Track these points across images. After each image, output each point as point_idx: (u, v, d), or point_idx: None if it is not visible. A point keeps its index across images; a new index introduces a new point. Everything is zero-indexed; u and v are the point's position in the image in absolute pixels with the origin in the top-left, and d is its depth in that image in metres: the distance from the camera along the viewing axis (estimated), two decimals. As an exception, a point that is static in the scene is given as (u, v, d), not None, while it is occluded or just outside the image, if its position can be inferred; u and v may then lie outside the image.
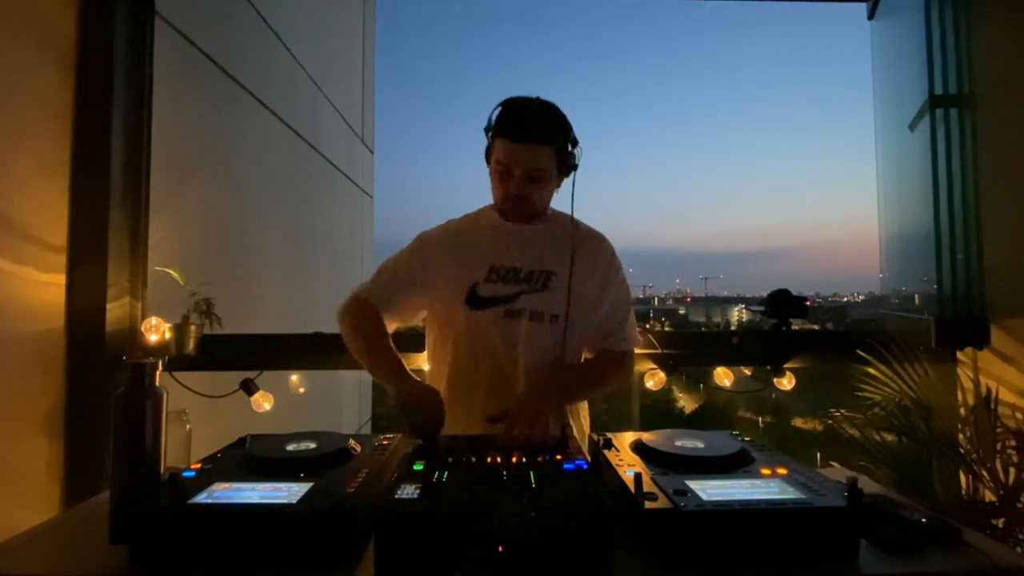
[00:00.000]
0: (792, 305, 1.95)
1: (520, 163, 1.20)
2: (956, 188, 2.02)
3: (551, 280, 1.28)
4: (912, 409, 1.76)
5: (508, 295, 1.26)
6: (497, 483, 0.81)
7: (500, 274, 1.28)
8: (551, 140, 1.21)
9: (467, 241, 1.32)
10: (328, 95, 4.66)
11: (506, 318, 1.26)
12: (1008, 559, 0.77)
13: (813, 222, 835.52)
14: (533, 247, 1.30)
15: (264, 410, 1.96)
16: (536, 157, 1.20)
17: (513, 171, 1.21)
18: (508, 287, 1.27)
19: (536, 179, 1.23)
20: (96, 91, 1.79)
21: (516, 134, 1.20)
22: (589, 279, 1.30)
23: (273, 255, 3.44)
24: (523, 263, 1.29)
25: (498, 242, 1.31)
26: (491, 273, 1.28)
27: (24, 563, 0.78)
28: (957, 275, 2.00)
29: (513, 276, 1.28)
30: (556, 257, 1.29)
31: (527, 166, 1.21)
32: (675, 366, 1.96)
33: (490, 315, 1.26)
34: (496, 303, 1.26)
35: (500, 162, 1.22)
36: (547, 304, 1.27)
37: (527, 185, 1.23)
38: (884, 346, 1.86)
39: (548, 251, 1.30)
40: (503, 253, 1.29)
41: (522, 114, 1.22)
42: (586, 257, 1.30)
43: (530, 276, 1.28)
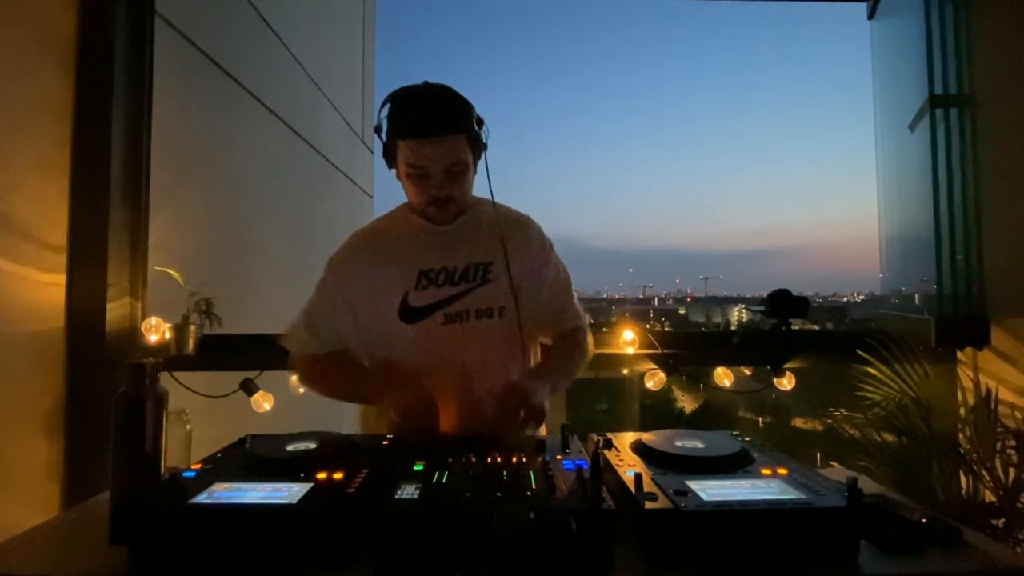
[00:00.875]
0: (792, 305, 1.95)
1: (437, 160, 1.09)
2: (956, 188, 2.02)
3: (489, 271, 1.20)
4: (912, 409, 1.76)
5: (446, 298, 1.18)
6: (497, 483, 0.81)
7: (432, 278, 1.18)
8: (461, 128, 1.10)
9: (386, 251, 1.21)
10: (328, 95, 4.66)
11: (446, 324, 1.17)
12: (1008, 559, 0.77)
13: (813, 222, 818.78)
14: (462, 242, 1.21)
15: (264, 410, 1.96)
16: (452, 150, 1.10)
17: (431, 171, 1.10)
18: (443, 290, 1.18)
19: (456, 173, 1.12)
20: (96, 91, 1.79)
21: (423, 131, 1.08)
22: (526, 262, 1.23)
23: (273, 255, 3.44)
24: (455, 260, 1.20)
25: (423, 245, 1.20)
26: (421, 279, 1.18)
27: (24, 563, 0.78)
28: (957, 275, 2.00)
29: (447, 277, 1.19)
30: (487, 247, 1.21)
31: (445, 162, 1.10)
32: (675, 366, 1.96)
33: (428, 325, 1.17)
34: (433, 310, 1.17)
35: (413, 165, 1.11)
36: (492, 298, 1.19)
37: (449, 182, 1.12)
38: (884, 346, 1.86)
39: (478, 242, 1.21)
40: (431, 255, 1.19)
41: (423, 107, 1.09)
42: (517, 240, 1.23)
43: (467, 272, 1.19)
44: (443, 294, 1.18)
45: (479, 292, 1.19)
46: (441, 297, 1.18)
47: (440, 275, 1.19)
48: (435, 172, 1.11)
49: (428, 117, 1.08)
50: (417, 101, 1.10)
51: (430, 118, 1.08)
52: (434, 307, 1.17)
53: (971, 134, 2.01)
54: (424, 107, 1.10)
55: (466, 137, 1.11)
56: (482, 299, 1.19)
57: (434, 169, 1.10)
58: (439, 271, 1.19)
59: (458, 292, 1.18)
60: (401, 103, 1.10)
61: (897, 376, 1.84)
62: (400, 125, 1.10)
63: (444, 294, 1.18)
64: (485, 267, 1.20)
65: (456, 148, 1.10)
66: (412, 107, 1.10)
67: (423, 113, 1.09)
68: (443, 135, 1.08)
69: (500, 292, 1.19)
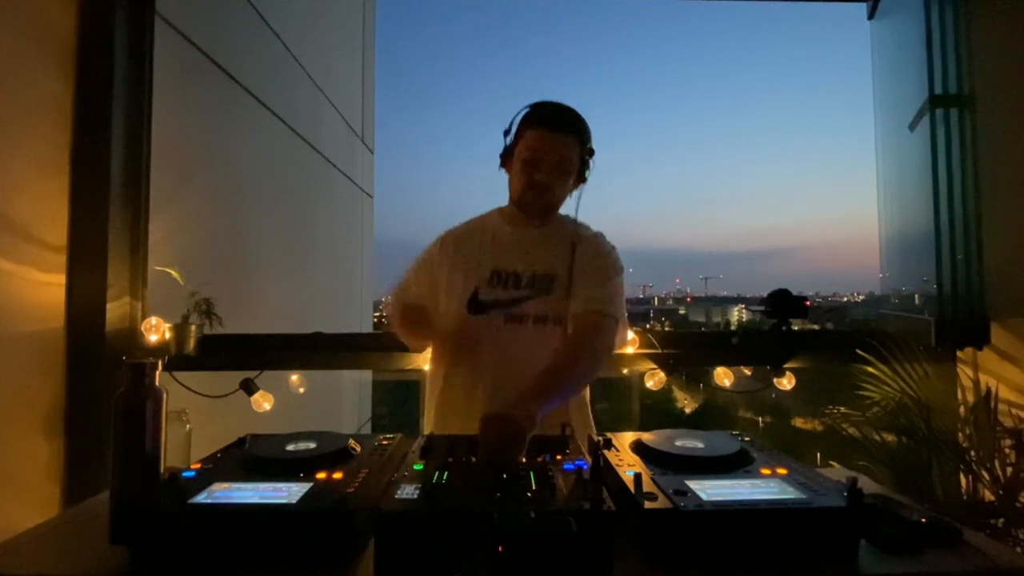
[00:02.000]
0: (792, 305, 1.95)
1: (552, 151, 1.24)
2: (956, 188, 2.02)
3: (554, 283, 1.29)
4: (912, 409, 1.76)
5: (509, 300, 1.27)
6: (497, 483, 0.81)
7: (501, 278, 1.29)
8: (579, 135, 1.26)
9: (470, 245, 1.35)
10: (328, 95, 4.66)
11: (507, 323, 1.26)
12: (1008, 559, 0.77)
13: (813, 222, 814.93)
14: (536, 250, 1.31)
15: (264, 410, 1.96)
16: (567, 147, 1.24)
17: (544, 158, 1.24)
18: (509, 292, 1.28)
19: (562, 170, 1.26)
20: (96, 91, 1.79)
21: (552, 123, 1.24)
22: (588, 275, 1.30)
23: (273, 255, 3.44)
24: (525, 267, 1.30)
25: (500, 246, 1.33)
26: (492, 277, 1.29)
27: (24, 563, 0.78)
28: (957, 275, 2.00)
29: (515, 281, 1.29)
30: (557, 259, 1.30)
31: (558, 155, 1.24)
32: (675, 366, 1.95)
33: (490, 320, 1.25)
34: (497, 307, 1.26)
35: (531, 149, 1.25)
36: (550, 307, 1.27)
37: (553, 175, 1.25)
38: (884, 346, 1.86)
39: (549, 254, 1.31)
40: (505, 257, 1.31)
41: (556, 108, 1.27)
42: (589, 259, 1.31)
43: (533, 280, 1.29)
44: (508, 295, 1.28)
45: (540, 301, 1.28)
46: (507, 297, 1.27)
47: (510, 278, 1.30)
48: (547, 160, 1.24)
49: (557, 115, 1.26)
50: (551, 105, 1.28)
51: (559, 116, 1.26)
52: (500, 304, 1.26)
53: (971, 134, 2.01)
54: (557, 109, 1.28)
55: (579, 148, 1.27)
56: (541, 307, 1.27)
57: (548, 157, 1.24)
58: (510, 274, 1.30)
59: (522, 296, 1.28)
60: (540, 104, 1.29)
61: (897, 376, 1.84)
62: (533, 118, 1.26)
63: (509, 296, 1.28)
64: (550, 278, 1.29)
65: (570, 147, 1.25)
66: (547, 107, 1.28)
67: (555, 112, 1.27)
68: (566, 132, 1.24)
69: (559, 304, 1.28)
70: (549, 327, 1.28)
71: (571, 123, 1.26)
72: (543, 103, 1.29)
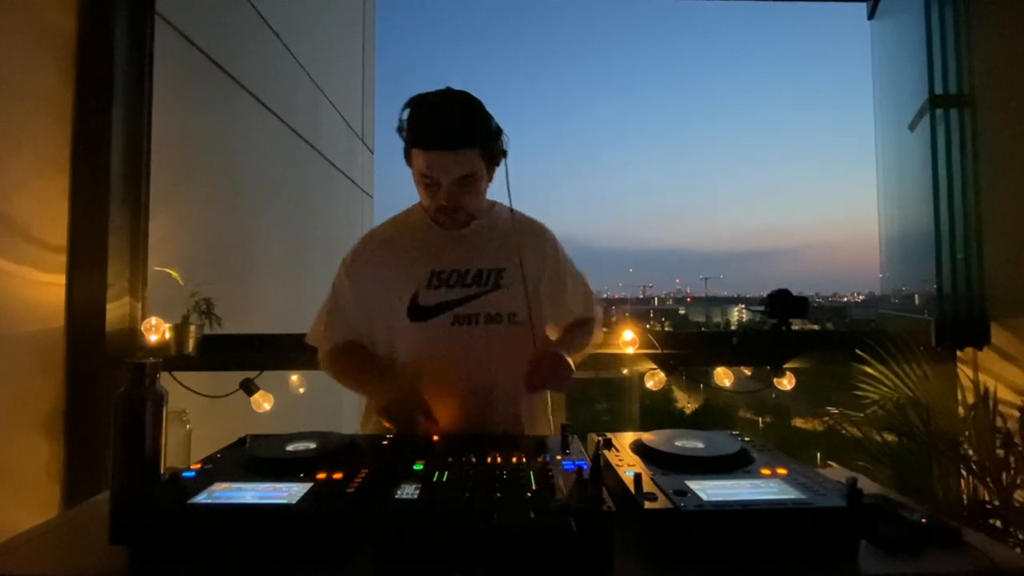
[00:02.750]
0: (792, 305, 1.95)
1: (446, 172, 1.10)
2: (956, 188, 2.02)
3: (502, 277, 1.20)
4: (911, 409, 1.76)
5: (456, 299, 1.18)
6: (497, 483, 0.81)
7: (443, 279, 1.19)
8: (474, 142, 1.10)
9: (399, 248, 1.23)
10: (328, 95, 4.66)
11: (455, 325, 1.17)
12: (1008, 559, 0.77)
13: (813, 222, 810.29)
14: (475, 246, 1.22)
15: (264, 410, 1.96)
16: (461, 163, 1.10)
17: (440, 181, 1.11)
18: (454, 291, 1.18)
19: (466, 184, 1.13)
20: (96, 91, 1.79)
21: (436, 142, 1.08)
22: (541, 269, 1.25)
23: (273, 255, 3.44)
24: (468, 263, 1.20)
25: (436, 245, 1.21)
26: (432, 279, 1.19)
27: (24, 563, 0.78)
28: (957, 275, 2.00)
29: (459, 279, 1.19)
30: (500, 253, 1.21)
31: (454, 174, 1.11)
32: (675, 366, 1.96)
33: (436, 325, 1.17)
34: (442, 310, 1.17)
35: (423, 174, 1.12)
36: (503, 303, 1.19)
37: (458, 192, 1.13)
38: (881, 346, 1.86)
39: (492, 247, 1.22)
40: (444, 255, 1.20)
41: (436, 118, 1.09)
42: (532, 247, 1.24)
43: (479, 276, 1.20)
44: (453, 295, 1.18)
45: (491, 297, 1.19)
46: (451, 298, 1.18)
47: (452, 276, 1.19)
48: (444, 182, 1.11)
49: (441, 129, 1.08)
50: (433, 111, 1.10)
51: (443, 130, 1.08)
52: (444, 307, 1.18)
53: (971, 134, 2.01)
54: (438, 119, 1.09)
55: (480, 149, 1.11)
56: (493, 304, 1.19)
57: (443, 180, 1.11)
58: (451, 272, 1.19)
59: (470, 295, 1.18)
60: (418, 111, 1.11)
61: (895, 375, 1.84)
62: (414, 133, 1.11)
63: (455, 295, 1.18)
64: (498, 273, 1.20)
65: (467, 161, 1.10)
66: (427, 117, 1.10)
67: (436, 125, 1.09)
68: (454, 148, 1.08)
69: (513, 299, 1.19)
70: (504, 326, 1.19)
71: (460, 136, 1.08)
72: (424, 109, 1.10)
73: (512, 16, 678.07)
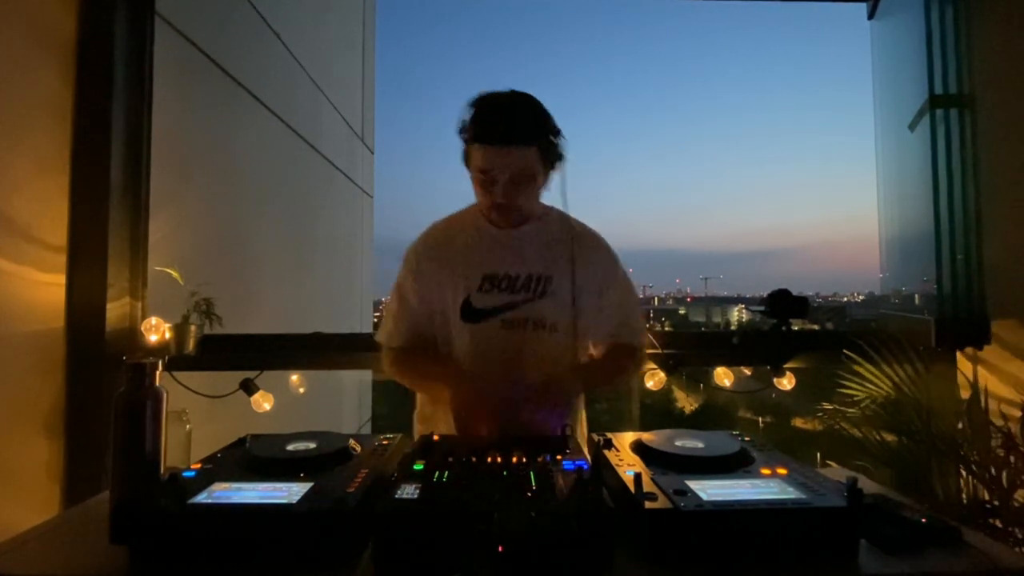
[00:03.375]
0: (792, 305, 1.95)
1: (504, 168, 1.11)
2: (956, 188, 2.02)
3: (549, 285, 1.21)
4: (910, 409, 1.76)
5: (506, 304, 1.20)
6: (497, 483, 0.81)
7: (495, 283, 1.21)
8: (533, 139, 1.11)
9: (454, 249, 1.25)
10: (328, 95, 4.66)
11: (504, 329, 1.19)
12: (1008, 559, 0.77)
13: (813, 222, 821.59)
14: (527, 251, 1.23)
15: (264, 410, 1.96)
16: (520, 160, 1.11)
17: (497, 177, 1.12)
18: (504, 296, 1.20)
19: (522, 183, 1.14)
20: (96, 91, 1.79)
21: (495, 138, 1.10)
22: (589, 282, 1.24)
23: (273, 255, 3.44)
24: (518, 269, 1.22)
25: (489, 248, 1.23)
26: (484, 282, 1.21)
27: (24, 563, 0.78)
28: (957, 275, 2.00)
29: (509, 284, 1.21)
30: (551, 260, 1.22)
31: (511, 171, 1.11)
32: (675, 366, 1.95)
33: (487, 327, 1.20)
34: (493, 314, 1.20)
35: (482, 169, 1.13)
36: (547, 312, 1.21)
37: (513, 190, 1.13)
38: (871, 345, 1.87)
39: (543, 254, 1.23)
40: (496, 260, 1.22)
41: (498, 115, 1.11)
42: (583, 257, 1.24)
43: (528, 283, 1.21)
44: (503, 300, 1.20)
45: (537, 304, 1.20)
46: (501, 303, 1.20)
47: (503, 281, 1.21)
48: (501, 178, 1.12)
49: (501, 125, 1.10)
50: (495, 109, 1.12)
51: (502, 127, 1.10)
52: (494, 311, 1.20)
53: (971, 134, 2.01)
54: (499, 116, 1.11)
55: (537, 149, 1.12)
56: (539, 311, 1.20)
57: (500, 176, 1.12)
58: (502, 277, 1.21)
59: (518, 300, 1.20)
60: (481, 108, 1.12)
61: (883, 374, 1.84)
62: (475, 129, 1.12)
63: (504, 300, 1.20)
64: (546, 280, 1.21)
65: (523, 159, 1.11)
66: (489, 115, 1.12)
67: (497, 121, 1.10)
68: (512, 145, 1.10)
69: (557, 308, 1.21)
70: (547, 333, 1.20)
71: (519, 132, 1.10)
72: (485, 107, 1.12)
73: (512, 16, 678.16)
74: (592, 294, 1.25)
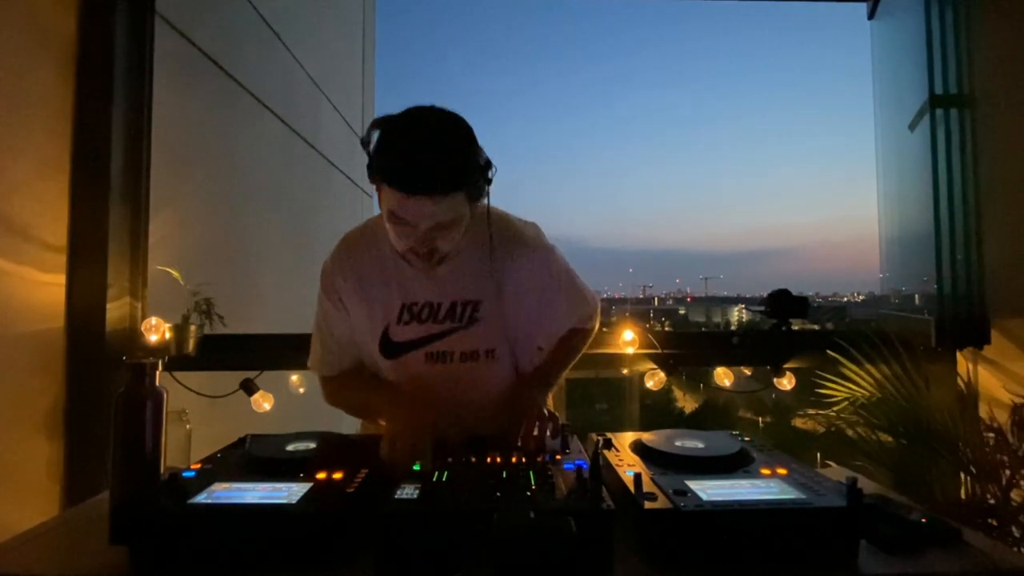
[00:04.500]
0: (792, 305, 1.95)
1: (422, 218, 0.92)
2: (956, 188, 2.02)
3: (478, 310, 1.08)
4: (895, 407, 1.77)
5: (426, 336, 1.09)
6: (497, 483, 0.81)
7: (414, 313, 1.08)
8: (459, 186, 0.91)
9: (369, 272, 1.10)
10: (328, 95, 4.66)
11: (430, 363, 1.09)
12: (1008, 559, 0.77)
13: (813, 222, 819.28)
14: (450, 276, 1.08)
15: (264, 410, 1.96)
16: (444, 210, 0.92)
17: (415, 227, 0.94)
18: (426, 326, 1.08)
19: (445, 227, 0.95)
20: (96, 91, 1.79)
21: (411, 186, 0.89)
22: (525, 296, 1.11)
23: (273, 255, 3.44)
24: (440, 296, 1.08)
25: (408, 274, 1.07)
26: (403, 313, 1.08)
27: (24, 563, 0.78)
28: (957, 275, 2.00)
29: (431, 313, 1.08)
30: (479, 281, 1.08)
31: (432, 221, 0.93)
32: (675, 366, 1.96)
33: (410, 361, 1.09)
34: (414, 347, 1.09)
35: (395, 213, 0.93)
36: (479, 340, 1.09)
37: (434, 238, 0.96)
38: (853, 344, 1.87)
39: (468, 276, 1.08)
40: (415, 287, 1.08)
41: (414, 156, 0.89)
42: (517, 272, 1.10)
43: (452, 311, 1.08)
44: (425, 331, 1.08)
45: (464, 334, 1.09)
46: (423, 334, 1.08)
47: (424, 310, 1.08)
48: (420, 228, 0.94)
49: (420, 171, 0.89)
50: (411, 147, 0.90)
51: (422, 173, 0.89)
52: (415, 343, 1.09)
53: (971, 134, 2.01)
54: (416, 157, 0.89)
55: (461, 196, 0.93)
56: (468, 341, 1.09)
57: (419, 224, 0.94)
58: (423, 306, 1.08)
59: (441, 331, 1.08)
60: (391, 141, 0.92)
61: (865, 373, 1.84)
62: (386, 168, 0.91)
63: (426, 331, 1.08)
64: (474, 305, 1.08)
65: (450, 207, 0.93)
66: (402, 153, 0.90)
67: (414, 165, 0.89)
68: (436, 193, 0.90)
69: (490, 334, 1.09)
70: (480, 362, 1.09)
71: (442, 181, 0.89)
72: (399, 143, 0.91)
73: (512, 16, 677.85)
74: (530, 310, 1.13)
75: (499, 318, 1.10)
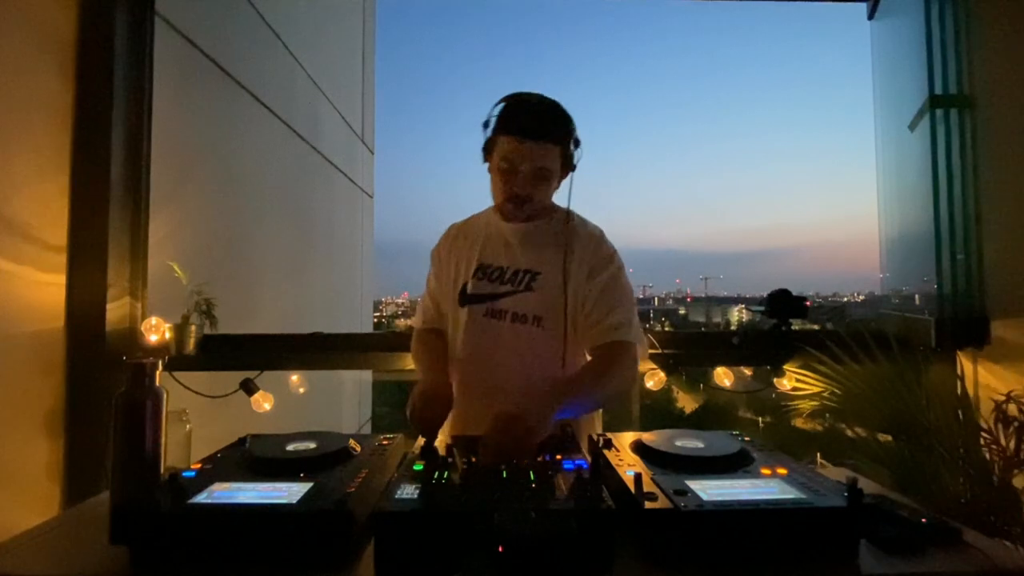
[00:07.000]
0: (792, 305, 1.95)
1: (527, 161, 1.18)
2: (956, 188, 2.02)
3: (535, 280, 1.26)
4: (910, 409, 1.76)
5: (491, 294, 1.27)
6: (497, 483, 0.81)
7: (486, 272, 1.29)
8: (559, 139, 1.19)
9: (465, 240, 1.36)
10: (328, 95, 4.67)
11: (487, 317, 1.26)
12: (1008, 559, 0.77)
13: (813, 222, 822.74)
14: (523, 246, 1.29)
15: (264, 410, 1.96)
16: (544, 156, 1.18)
17: (519, 169, 1.19)
18: (492, 286, 1.28)
19: (541, 177, 1.20)
20: (96, 91, 1.79)
21: (525, 131, 1.17)
22: (579, 273, 1.25)
23: (273, 255, 3.44)
24: (509, 262, 1.29)
25: (489, 241, 1.32)
26: (478, 271, 1.30)
27: (24, 563, 0.78)
28: (957, 275, 2.00)
29: (498, 275, 1.28)
30: (547, 256, 1.26)
31: (534, 165, 1.18)
32: (675, 366, 1.95)
33: (474, 313, 1.27)
34: (480, 301, 1.27)
35: (506, 159, 1.19)
36: (530, 305, 1.24)
37: (531, 184, 1.20)
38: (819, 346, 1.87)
39: (539, 250, 1.28)
40: (492, 252, 1.31)
41: (529, 111, 1.20)
42: (579, 254, 1.26)
43: (515, 276, 1.27)
44: (491, 289, 1.28)
45: (520, 297, 1.25)
46: (488, 291, 1.28)
47: (494, 272, 1.29)
48: (523, 170, 1.18)
49: (532, 121, 1.18)
50: (526, 106, 1.20)
51: (534, 123, 1.17)
52: (482, 298, 1.27)
53: (971, 134, 2.01)
54: (531, 113, 1.19)
55: (560, 149, 1.20)
56: (521, 304, 1.25)
57: (523, 167, 1.18)
58: (494, 268, 1.29)
59: (503, 291, 1.27)
60: (515, 104, 1.21)
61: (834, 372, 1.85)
62: (507, 122, 1.19)
63: (492, 289, 1.28)
64: (532, 275, 1.26)
65: (547, 155, 1.18)
66: (521, 110, 1.20)
67: (527, 117, 1.18)
68: (538, 140, 1.17)
69: (543, 302, 1.24)
70: (528, 327, 1.24)
71: (547, 129, 1.18)
72: (518, 103, 1.21)
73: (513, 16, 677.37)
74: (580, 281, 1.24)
75: (555, 289, 1.24)
